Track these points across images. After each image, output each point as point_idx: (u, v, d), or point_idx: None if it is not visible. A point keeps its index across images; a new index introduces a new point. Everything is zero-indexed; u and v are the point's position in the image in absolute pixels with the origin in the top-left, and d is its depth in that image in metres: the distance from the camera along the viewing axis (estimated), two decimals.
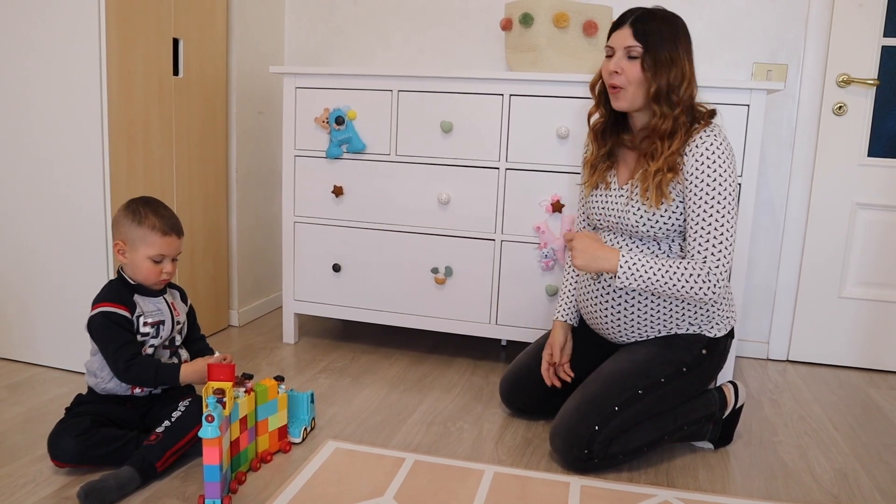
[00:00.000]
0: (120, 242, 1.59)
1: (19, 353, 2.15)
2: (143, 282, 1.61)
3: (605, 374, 1.68)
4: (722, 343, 1.72)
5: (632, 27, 1.59)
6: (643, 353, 1.69)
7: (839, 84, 2.37)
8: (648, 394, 1.62)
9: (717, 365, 1.73)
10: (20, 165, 2.02)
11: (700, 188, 1.56)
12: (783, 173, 2.48)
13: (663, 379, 1.64)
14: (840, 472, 1.68)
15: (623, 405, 1.60)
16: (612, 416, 1.59)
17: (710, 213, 1.56)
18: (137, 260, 1.58)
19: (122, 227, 1.58)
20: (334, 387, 2.08)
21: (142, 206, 1.60)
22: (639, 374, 1.64)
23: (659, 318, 1.67)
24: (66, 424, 1.51)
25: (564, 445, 1.60)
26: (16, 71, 1.97)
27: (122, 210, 1.61)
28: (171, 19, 2.15)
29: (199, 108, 2.34)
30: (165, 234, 1.59)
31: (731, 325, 1.74)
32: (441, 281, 2.25)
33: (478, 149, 2.17)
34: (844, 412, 2.08)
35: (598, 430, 1.57)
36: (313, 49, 2.83)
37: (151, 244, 1.57)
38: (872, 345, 2.47)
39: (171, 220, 1.61)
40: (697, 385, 1.72)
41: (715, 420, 1.74)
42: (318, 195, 2.33)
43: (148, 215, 1.58)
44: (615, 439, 1.59)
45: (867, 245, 2.44)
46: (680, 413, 1.69)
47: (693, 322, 1.68)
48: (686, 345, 1.68)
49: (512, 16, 2.27)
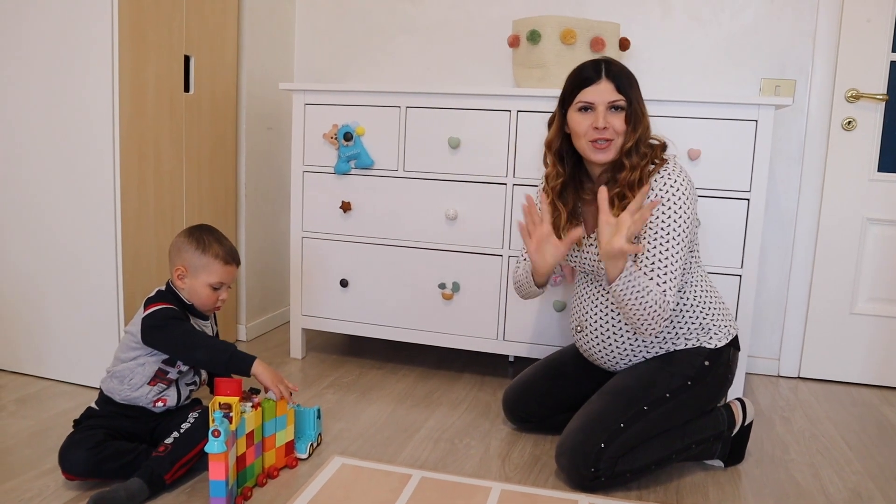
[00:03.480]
0: (181, 268, 1.63)
1: (28, 366, 2.16)
2: (199, 307, 1.66)
3: (609, 392, 1.67)
4: (725, 353, 1.70)
5: (613, 81, 1.60)
6: (646, 369, 1.68)
7: (848, 99, 2.36)
8: (654, 409, 1.61)
9: (723, 377, 1.71)
10: (29, 181, 2.04)
11: (656, 224, 1.58)
12: (792, 189, 2.47)
13: (668, 394, 1.63)
14: (854, 492, 1.66)
15: (629, 421, 1.58)
16: (618, 433, 1.57)
17: (665, 248, 1.56)
18: (197, 286, 1.63)
19: (185, 254, 1.63)
20: (341, 402, 2.07)
21: (206, 234, 1.65)
22: (643, 389, 1.63)
23: (654, 342, 1.68)
24: (77, 437, 1.51)
25: (570, 464, 1.58)
26: (29, 86, 2.00)
27: (185, 237, 1.65)
28: (183, 37, 2.18)
29: (210, 125, 2.37)
30: (227, 264, 1.65)
31: (732, 335, 1.72)
32: (448, 296, 2.25)
33: (485, 165, 2.18)
34: (858, 430, 2.05)
35: (604, 447, 1.55)
36: (322, 66, 2.86)
37: (213, 272, 1.62)
38: (886, 362, 2.44)
39: (231, 249, 1.68)
40: (704, 399, 1.70)
41: (724, 438, 1.72)
42: (326, 211, 2.34)
43: (212, 244, 1.63)
44: (622, 457, 1.57)
45: (878, 261, 2.42)
46: (687, 431, 1.67)
47: (689, 336, 1.68)
48: (687, 358, 1.67)
49: (519, 32, 2.28)
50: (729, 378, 1.73)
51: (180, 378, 1.65)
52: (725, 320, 1.72)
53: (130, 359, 1.60)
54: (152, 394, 1.60)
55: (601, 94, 1.60)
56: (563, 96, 1.68)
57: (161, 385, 1.61)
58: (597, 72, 1.61)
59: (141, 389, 1.59)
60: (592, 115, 1.61)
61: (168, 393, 1.63)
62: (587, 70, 1.62)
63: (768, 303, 2.53)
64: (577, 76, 1.64)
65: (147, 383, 1.60)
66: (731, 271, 2.04)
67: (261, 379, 1.59)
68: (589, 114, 1.61)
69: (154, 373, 1.60)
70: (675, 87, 2.48)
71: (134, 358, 1.60)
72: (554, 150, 1.71)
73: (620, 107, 1.60)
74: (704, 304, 1.69)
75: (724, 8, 2.43)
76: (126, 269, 2.00)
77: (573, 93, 1.64)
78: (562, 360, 1.91)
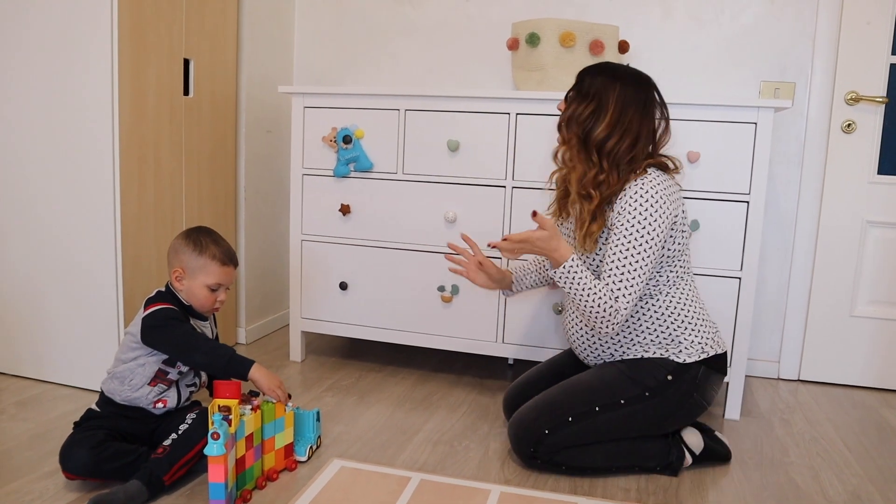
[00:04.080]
0: (179, 270, 1.63)
1: (28, 369, 2.16)
2: (198, 308, 1.66)
3: (570, 384, 1.72)
4: (693, 370, 1.65)
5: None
6: (610, 371, 1.70)
7: (848, 102, 2.36)
8: (605, 412, 1.62)
9: (686, 394, 1.66)
10: (30, 184, 2.05)
11: (620, 230, 1.58)
12: (792, 191, 2.47)
13: (623, 400, 1.63)
14: (854, 495, 1.65)
15: (577, 417, 1.62)
16: (565, 425, 1.62)
17: (625, 255, 1.56)
18: (195, 288, 1.63)
19: (183, 256, 1.63)
20: (340, 405, 2.07)
21: (202, 235, 1.66)
22: (600, 390, 1.66)
23: (622, 340, 1.69)
24: (79, 437, 1.51)
25: (514, 437, 1.68)
26: (29, 89, 2.01)
27: (182, 239, 1.66)
28: (183, 40, 2.19)
29: (209, 128, 2.37)
30: (224, 265, 1.65)
31: (708, 353, 1.67)
32: (448, 299, 2.25)
33: (484, 167, 2.18)
34: (858, 433, 2.05)
35: (547, 433, 1.61)
36: (322, 68, 2.86)
37: (210, 273, 1.63)
38: (885, 364, 2.44)
39: (229, 251, 1.68)
40: (661, 414, 1.66)
41: (672, 468, 1.69)
42: (325, 213, 2.34)
43: (209, 245, 1.64)
44: (563, 450, 1.63)
45: (878, 263, 2.42)
46: (634, 451, 1.67)
47: (659, 345, 1.67)
48: (651, 368, 1.66)
49: (518, 35, 2.29)
50: (695, 398, 1.67)
51: (181, 379, 1.65)
52: (701, 336, 1.68)
53: (131, 359, 1.60)
54: (152, 395, 1.61)
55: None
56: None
57: (161, 386, 1.62)
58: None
59: (141, 390, 1.59)
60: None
61: (168, 394, 1.63)
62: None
63: (768, 305, 2.53)
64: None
65: (147, 384, 1.60)
66: (731, 274, 2.04)
67: (258, 384, 1.59)
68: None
69: (154, 373, 1.60)
70: (675, 89, 2.46)
71: (134, 358, 1.60)
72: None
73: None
74: (677, 316, 1.66)
75: (723, 10, 2.43)
76: (126, 272, 2.00)
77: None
78: (562, 363, 1.92)
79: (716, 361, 1.70)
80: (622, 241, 1.57)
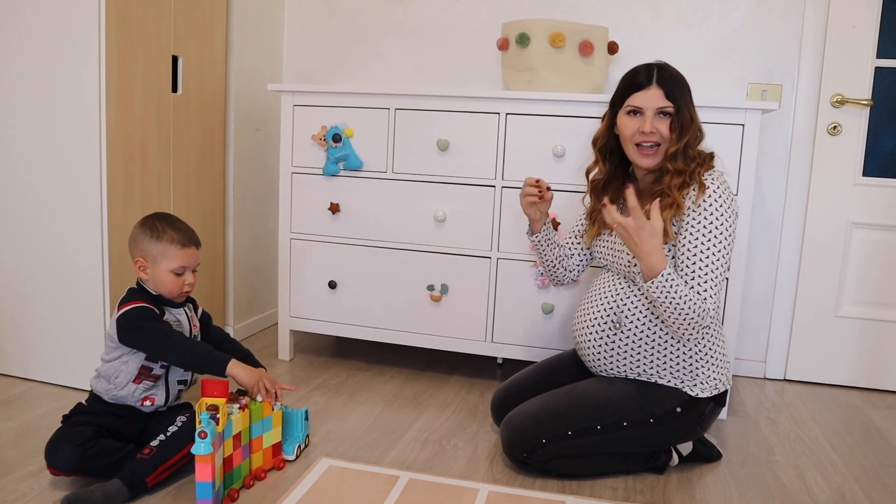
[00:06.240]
0: (140, 259, 1.61)
1: (12, 367, 2.14)
2: (167, 295, 1.63)
3: (575, 395, 1.68)
4: (703, 406, 1.65)
5: (662, 88, 1.62)
6: (619, 389, 1.66)
7: (833, 104, 2.39)
8: (607, 432, 1.61)
9: (691, 426, 1.67)
10: (16, 181, 2.03)
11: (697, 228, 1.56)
12: (778, 193, 2.49)
13: (626, 423, 1.62)
14: (838, 493, 1.67)
15: (578, 433, 1.60)
16: (563, 438, 1.60)
17: (706, 253, 1.54)
18: (159, 274, 1.60)
19: (141, 244, 1.61)
20: (329, 404, 2.07)
21: (158, 221, 1.63)
22: (606, 409, 1.62)
23: (641, 361, 1.65)
24: (65, 433, 1.50)
25: (509, 439, 1.66)
26: (15, 87, 1.99)
27: (139, 227, 1.63)
28: (171, 37, 2.17)
29: (198, 125, 2.36)
30: (185, 247, 1.61)
31: (721, 389, 1.67)
32: (437, 298, 2.25)
33: (474, 167, 2.18)
34: (842, 432, 2.07)
35: (544, 443, 1.60)
36: (311, 67, 2.86)
37: (172, 257, 1.60)
38: (870, 364, 2.46)
39: (188, 232, 1.64)
40: (662, 441, 1.68)
41: (658, 468, 1.71)
42: (314, 212, 2.33)
43: (166, 230, 1.61)
44: (557, 459, 1.62)
45: (863, 264, 2.44)
46: (627, 462, 1.69)
47: (675, 375, 1.64)
48: (662, 397, 1.64)
49: (508, 36, 2.29)
50: (697, 430, 1.70)
51: (168, 374, 1.64)
52: (718, 374, 1.67)
53: (114, 358, 1.59)
54: (139, 392, 1.59)
55: (650, 99, 1.62)
56: (614, 98, 1.71)
57: (147, 382, 1.60)
58: (648, 77, 1.63)
59: (127, 388, 1.58)
60: (640, 120, 1.63)
61: (156, 392, 1.62)
62: (639, 75, 1.65)
63: (755, 306, 2.55)
64: (628, 80, 1.67)
65: (132, 381, 1.58)
66: None
67: (239, 380, 1.57)
68: (637, 118, 1.64)
69: (138, 370, 1.59)
70: None
71: (118, 357, 1.59)
72: (599, 146, 1.75)
73: (668, 113, 1.62)
74: (704, 352, 1.65)
75: (712, 12, 2.45)
76: (113, 271, 1.98)
77: (623, 96, 1.67)
78: (557, 367, 1.88)
79: (723, 396, 1.70)
80: (700, 238, 1.55)
